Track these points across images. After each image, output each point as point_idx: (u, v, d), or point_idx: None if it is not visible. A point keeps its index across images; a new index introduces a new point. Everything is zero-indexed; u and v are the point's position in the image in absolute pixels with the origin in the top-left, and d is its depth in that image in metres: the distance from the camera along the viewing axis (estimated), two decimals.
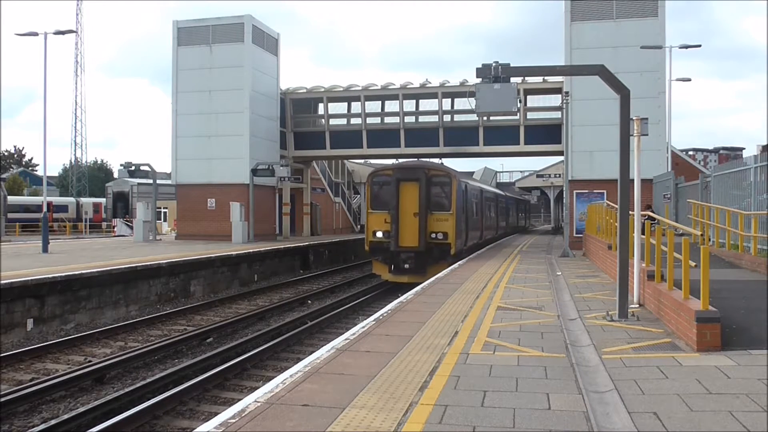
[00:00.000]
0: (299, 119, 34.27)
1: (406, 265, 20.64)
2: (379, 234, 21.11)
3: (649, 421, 5.07)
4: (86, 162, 77.69)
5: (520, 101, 29.61)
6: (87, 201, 58.50)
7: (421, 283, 14.63)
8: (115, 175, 71.90)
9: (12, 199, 50.71)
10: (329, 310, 17.18)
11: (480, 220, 27.66)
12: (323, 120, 33.57)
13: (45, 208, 25.64)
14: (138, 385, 9.62)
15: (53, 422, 7.95)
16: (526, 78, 28.04)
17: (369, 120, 32.56)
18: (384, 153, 33.58)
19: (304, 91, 34.00)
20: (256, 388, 6.76)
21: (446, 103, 31.89)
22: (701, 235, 14.28)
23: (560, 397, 5.77)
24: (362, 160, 48.23)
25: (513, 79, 10.05)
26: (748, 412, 5.17)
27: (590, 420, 5.14)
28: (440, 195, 21.41)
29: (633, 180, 10.14)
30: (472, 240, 25.08)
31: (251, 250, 24.04)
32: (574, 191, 26.57)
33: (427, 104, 32.56)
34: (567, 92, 24.63)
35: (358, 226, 46.12)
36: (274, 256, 25.81)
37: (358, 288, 22.68)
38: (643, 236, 10.86)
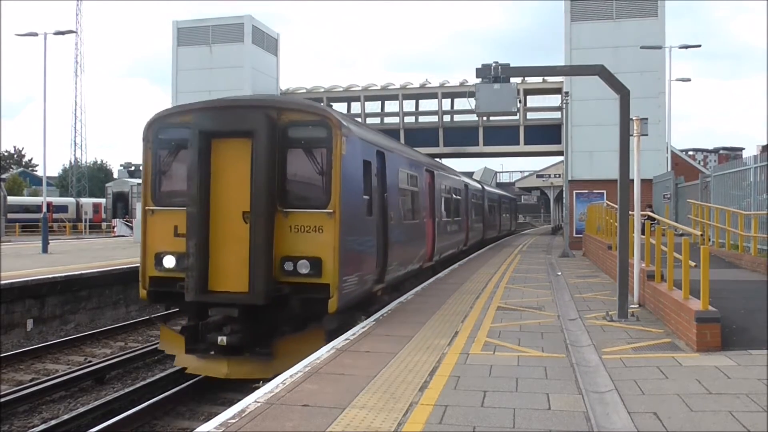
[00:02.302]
0: None
1: (223, 337, 8.89)
2: (168, 261, 9.40)
3: (649, 421, 5.08)
4: (86, 162, 77.79)
5: (520, 101, 29.65)
6: (87, 201, 58.51)
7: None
8: (115, 175, 71.83)
9: (12, 199, 50.68)
10: None
11: (430, 225, 15.89)
12: None
13: (45, 209, 25.67)
14: (138, 385, 9.62)
15: (53, 422, 7.94)
16: (526, 78, 28.10)
17: (369, 120, 32.56)
18: None
19: (304, 91, 34.01)
20: (256, 388, 6.75)
21: (446, 104, 31.95)
22: (701, 235, 14.28)
23: (560, 397, 5.77)
24: None
25: (513, 80, 10.06)
26: (748, 412, 5.17)
27: (590, 420, 5.13)
28: (307, 169, 9.30)
29: (633, 180, 10.14)
30: (400, 268, 12.65)
31: None
32: (574, 191, 26.60)
33: (426, 104, 32.63)
34: (567, 92, 24.67)
35: None
36: None
37: None
38: (643, 236, 10.86)
